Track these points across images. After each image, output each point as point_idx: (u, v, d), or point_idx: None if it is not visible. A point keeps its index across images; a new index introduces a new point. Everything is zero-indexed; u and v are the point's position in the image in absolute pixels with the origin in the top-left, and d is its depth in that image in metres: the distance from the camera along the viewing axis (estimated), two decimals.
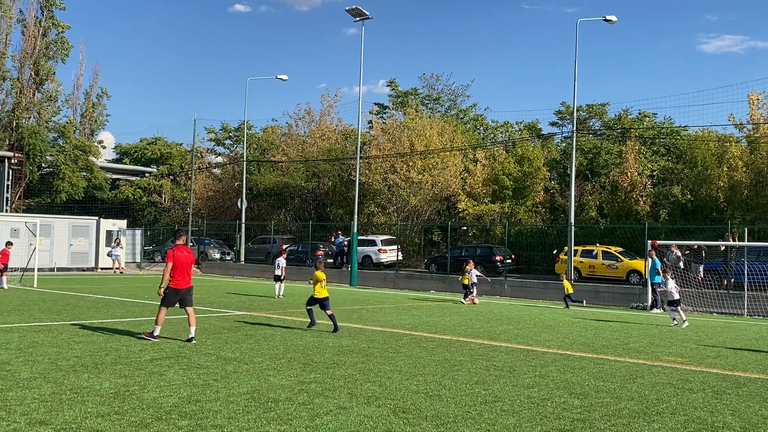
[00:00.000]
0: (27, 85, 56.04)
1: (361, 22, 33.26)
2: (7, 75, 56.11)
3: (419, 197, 41.62)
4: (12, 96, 56.15)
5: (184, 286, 12.85)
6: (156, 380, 8.83)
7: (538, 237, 36.30)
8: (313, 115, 54.79)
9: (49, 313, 16.47)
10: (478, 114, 55.02)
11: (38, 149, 53.21)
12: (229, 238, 47.14)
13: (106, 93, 62.63)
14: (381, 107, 56.39)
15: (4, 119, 55.42)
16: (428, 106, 54.71)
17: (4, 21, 55.40)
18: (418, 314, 19.04)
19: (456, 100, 55.46)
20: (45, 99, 57.48)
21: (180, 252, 12.86)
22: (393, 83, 56.63)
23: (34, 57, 55.76)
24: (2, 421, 6.70)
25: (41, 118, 56.82)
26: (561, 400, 8.50)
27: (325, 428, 6.84)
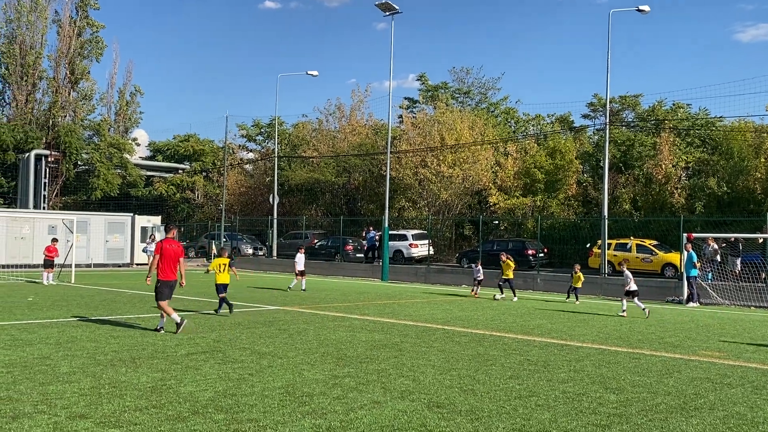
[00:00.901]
0: (63, 84, 57.02)
1: (390, 16, 33.21)
2: (43, 74, 57.16)
3: (450, 191, 41.51)
4: (48, 95, 57.20)
5: (174, 278, 13.14)
6: (192, 374, 8.94)
7: (570, 230, 35.98)
8: (344, 111, 54.96)
9: (87, 308, 16.76)
10: (509, 107, 54.70)
11: (74, 147, 54.14)
12: (262, 233, 47.48)
13: (139, 91, 63.48)
14: (411, 102, 56.32)
15: (40, 118, 56.47)
16: (458, 99, 54.51)
17: (39, 21, 56.39)
18: (451, 309, 19.00)
19: (486, 93, 55.21)
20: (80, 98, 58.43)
21: (168, 245, 13.16)
22: (423, 77, 56.53)
23: (70, 56, 56.69)
24: (44, 415, 6.84)
25: (77, 117, 57.79)
26: (597, 394, 8.43)
27: (359, 422, 6.86)
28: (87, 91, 58.79)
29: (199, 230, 50.87)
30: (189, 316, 15.64)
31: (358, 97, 55.24)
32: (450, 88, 54.92)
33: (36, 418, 6.72)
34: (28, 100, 56.49)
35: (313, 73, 43.48)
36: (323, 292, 23.83)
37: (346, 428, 6.66)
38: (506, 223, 41.43)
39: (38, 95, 57.54)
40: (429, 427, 6.75)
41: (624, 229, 33.13)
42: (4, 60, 55.65)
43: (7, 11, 55.83)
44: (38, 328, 12.91)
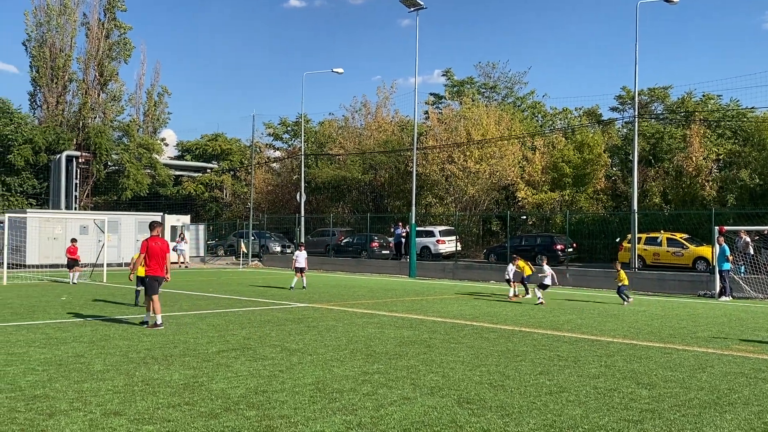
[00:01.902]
0: (92, 86, 57.83)
1: (415, 12, 33.13)
2: (73, 77, 58.04)
3: (477, 187, 41.37)
4: (78, 97, 58.07)
5: (162, 274, 13.55)
6: (223, 371, 9.03)
7: (599, 225, 35.66)
8: (369, 108, 55.03)
9: (119, 307, 17.00)
10: (536, 101, 54.35)
11: (104, 148, 54.90)
12: (289, 231, 47.74)
13: (166, 91, 64.18)
14: (437, 97, 56.22)
15: (71, 120, 57.35)
16: (484, 94, 54.28)
17: (68, 25, 57.23)
18: (479, 305, 18.95)
19: (513, 87, 54.92)
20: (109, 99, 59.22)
21: (154, 243, 13.57)
22: (448, 73, 56.39)
23: (98, 58, 57.47)
24: (79, 412, 6.95)
25: (106, 118, 58.58)
26: (628, 390, 8.35)
27: (389, 418, 6.88)
28: (116, 93, 59.57)
29: (227, 229, 51.27)
30: (217, 313, 15.80)
31: (383, 94, 55.31)
32: (476, 83, 54.70)
33: (72, 415, 6.84)
34: (58, 102, 57.40)
35: (339, 70, 43.56)
36: (351, 289, 23.89)
37: (377, 424, 6.68)
38: (534, 218, 41.17)
39: (68, 97, 58.48)
40: (459, 423, 6.75)
41: (654, 223, 32.74)
42: (35, 63, 56.58)
43: (37, 15, 56.76)
44: (72, 327, 13.13)
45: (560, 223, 37.44)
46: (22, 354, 10.11)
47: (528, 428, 6.66)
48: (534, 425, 6.76)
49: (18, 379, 8.42)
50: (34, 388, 7.92)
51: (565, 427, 6.74)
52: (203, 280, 28.28)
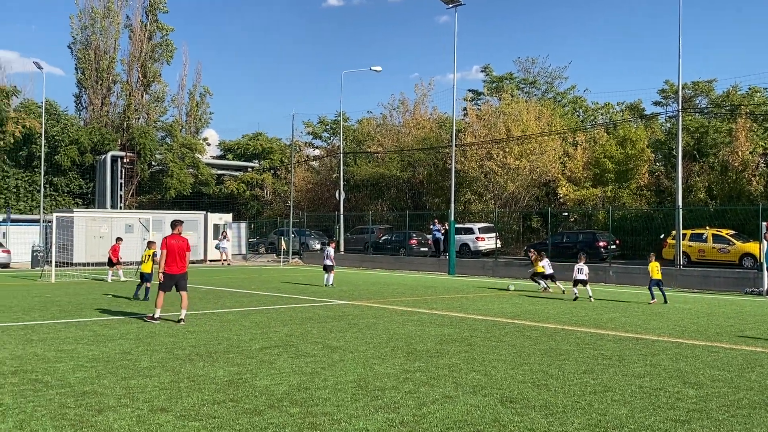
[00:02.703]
0: (135, 87, 58.88)
1: (454, 8, 32.98)
2: (117, 78, 59.18)
3: (517, 183, 41.04)
4: (122, 98, 59.19)
5: (178, 272, 13.82)
6: (267, 368, 9.12)
7: (643, 221, 35.06)
8: (408, 105, 54.98)
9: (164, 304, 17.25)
10: (577, 96, 53.72)
11: (148, 148, 55.88)
12: (329, 228, 47.99)
13: (208, 92, 65.02)
14: (475, 94, 55.90)
15: (115, 120, 58.48)
16: (524, 90, 53.81)
17: (112, 27, 58.36)
18: (520, 302, 18.81)
19: (553, 82, 54.34)
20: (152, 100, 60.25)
21: (173, 240, 13.91)
22: (487, 68, 56.03)
23: (141, 60, 58.49)
24: (127, 408, 7.10)
25: (150, 119, 59.62)
26: (675, 389, 8.22)
27: (432, 417, 6.87)
28: (159, 94, 60.59)
29: (268, 227, 51.75)
30: (259, 310, 15.97)
31: (421, 91, 55.20)
32: (515, 78, 54.26)
33: (120, 411, 6.98)
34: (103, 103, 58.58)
35: (377, 68, 43.62)
36: (390, 287, 23.92)
37: (419, 423, 6.68)
38: (576, 214, 40.69)
39: (113, 98, 59.66)
40: (502, 423, 6.72)
41: (699, 219, 32.07)
42: (80, 65, 57.83)
43: (82, 18, 58.01)
44: (118, 324, 13.40)
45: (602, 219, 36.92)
46: (71, 351, 10.36)
47: (573, 428, 6.59)
48: (579, 425, 6.69)
49: (67, 375, 8.63)
50: (83, 385, 8.11)
51: (611, 426, 6.66)
52: (245, 277, 28.60)
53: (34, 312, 15.44)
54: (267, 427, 6.47)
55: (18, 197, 53.45)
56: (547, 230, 36.38)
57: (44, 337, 11.63)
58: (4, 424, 6.50)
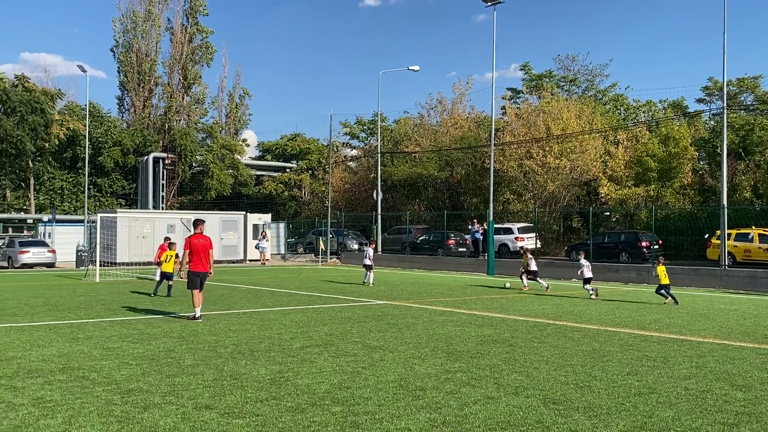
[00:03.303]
0: (176, 89, 59.77)
1: (492, 6, 32.76)
2: (158, 81, 60.14)
3: (557, 183, 40.61)
4: (164, 100, 60.13)
5: (203, 270, 14.23)
6: (308, 367, 9.17)
7: (686, 221, 34.43)
8: (445, 104, 54.85)
9: (206, 303, 17.45)
10: (618, 94, 52.93)
11: (189, 150, 56.67)
12: (366, 229, 48.09)
13: (247, 93, 65.69)
14: (514, 92, 55.50)
15: (157, 122, 59.44)
16: (564, 88, 53.25)
17: (153, 30, 59.34)
18: (561, 303, 18.61)
19: (594, 80, 53.65)
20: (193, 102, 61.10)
21: (197, 240, 14.34)
22: (526, 66, 55.58)
23: (182, 62, 59.35)
24: (172, 405, 7.20)
25: (190, 120, 60.47)
26: (722, 392, 8.04)
27: (474, 417, 6.83)
28: (199, 96, 61.42)
29: (306, 227, 52.06)
30: (299, 309, 16.07)
31: (459, 90, 55.01)
32: (555, 76, 53.71)
33: (165, 408, 7.09)
34: (145, 105, 59.58)
35: (414, 68, 43.54)
36: (429, 287, 23.86)
37: (462, 423, 6.65)
38: (618, 214, 40.14)
39: (154, 101, 60.64)
40: (545, 424, 6.65)
41: (745, 219, 31.39)
42: (123, 68, 58.91)
43: (124, 22, 59.07)
44: (162, 323, 13.60)
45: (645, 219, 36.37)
46: (117, 349, 10.55)
47: (617, 430, 6.50)
48: (623, 427, 6.59)
49: (113, 372, 8.79)
50: (129, 382, 8.25)
51: (656, 429, 6.54)
52: (284, 277, 28.81)
53: (80, 310, 15.76)
54: (309, 426, 6.50)
55: (63, 198, 54.66)
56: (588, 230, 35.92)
57: (90, 335, 11.86)
58: (53, 419, 6.64)
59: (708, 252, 29.18)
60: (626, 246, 31.29)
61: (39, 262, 35.60)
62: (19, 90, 51.12)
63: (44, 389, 7.85)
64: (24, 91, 51.35)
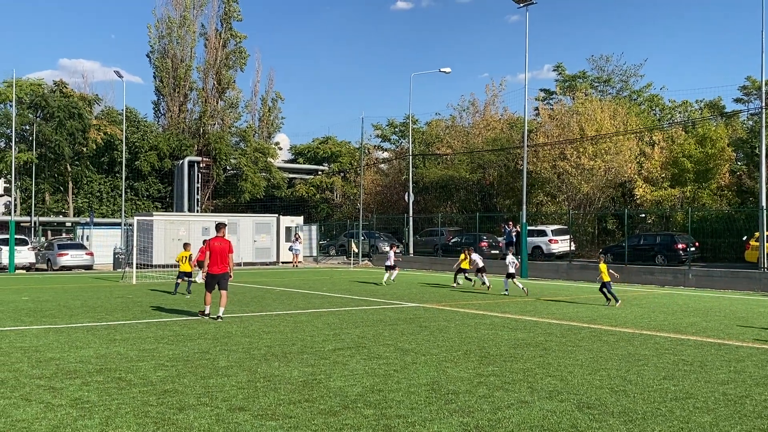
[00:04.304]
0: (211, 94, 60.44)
1: (525, 7, 32.57)
2: (193, 86, 60.89)
3: (591, 184, 40.18)
4: (198, 105, 60.85)
5: (219, 271, 14.59)
6: (340, 370, 9.20)
7: (724, 222, 33.82)
8: (477, 106, 54.63)
9: (240, 305, 17.65)
10: (654, 94, 52.21)
11: (223, 153, 57.28)
12: (398, 231, 48.08)
13: (280, 97, 66.22)
14: (547, 93, 55.09)
15: (192, 127, 60.16)
16: (598, 88, 52.69)
17: (188, 36, 60.07)
18: (596, 306, 18.40)
19: (628, 80, 52.97)
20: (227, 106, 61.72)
21: (216, 242, 14.78)
22: (560, 67, 55.10)
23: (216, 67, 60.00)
24: (206, 407, 7.27)
25: (224, 124, 61.10)
26: (761, 397, 7.88)
27: (507, 422, 6.79)
28: (233, 100, 62.01)
29: (338, 229, 52.24)
30: (331, 311, 16.12)
31: (492, 92, 54.76)
32: (589, 77, 53.17)
33: (199, 409, 7.16)
34: (180, 110, 60.33)
35: (446, 70, 43.47)
36: (461, 289, 23.77)
37: (495, 427, 6.61)
38: (653, 216, 39.57)
39: (189, 105, 61.38)
40: (580, 429, 6.58)
41: None
42: (158, 74, 59.74)
43: (159, 28, 59.92)
44: (197, 324, 13.76)
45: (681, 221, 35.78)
46: (152, 350, 10.69)
47: None
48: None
49: (149, 374, 8.91)
50: (164, 383, 8.35)
51: None
52: (317, 279, 28.94)
53: (117, 312, 16.01)
54: (342, 428, 6.52)
55: (101, 201, 55.60)
56: (624, 232, 35.49)
57: (126, 337, 12.04)
58: (91, 420, 6.75)
59: (746, 254, 28.62)
60: (662, 248, 30.81)
61: (77, 265, 36.25)
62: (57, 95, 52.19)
63: (82, 390, 7.99)
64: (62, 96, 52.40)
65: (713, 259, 32.37)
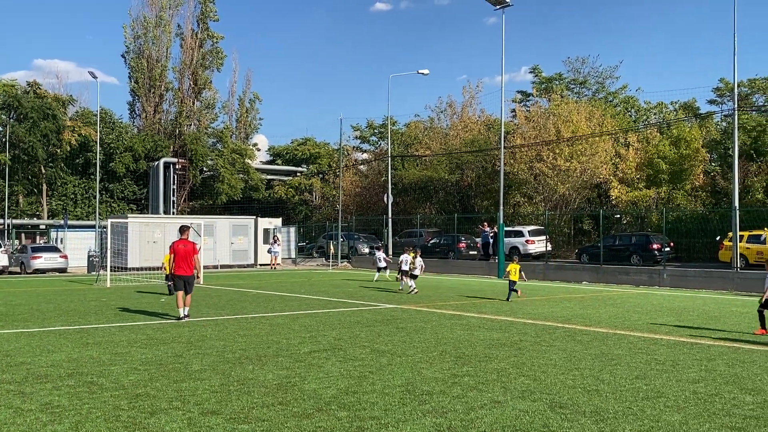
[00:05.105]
0: (187, 94, 60.02)
1: (501, 10, 32.73)
2: (169, 86, 60.41)
3: (567, 185, 40.48)
4: (174, 105, 60.42)
5: (185, 273, 14.89)
6: (315, 372, 9.18)
7: (698, 223, 34.23)
8: (455, 108, 54.84)
9: (215, 308, 17.55)
10: (629, 96, 52.70)
11: (200, 154, 56.88)
12: (377, 232, 48.08)
13: (258, 98, 65.89)
14: (524, 95, 55.41)
15: (168, 128, 59.70)
16: (574, 90, 53.09)
17: (164, 36, 59.62)
18: (571, 306, 18.53)
19: (604, 82, 53.43)
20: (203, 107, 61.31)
21: (180, 245, 15.06)
22: (536, 69, 55.47)
23: (192, 68, 59.60)
24: (178, 411, 7.21)
25: (201, 125, 60.68)
26: (731, 396, 7.99)
27: (480, 422, 6.81)
28: (210, 101, 61.62)
29: (317, 231, 52.14)
30: (308, 313, 16.08)
31: (469, 94, 54.99)
32: (565, 79, 53.55)
33: (171, 413, 7.11)
34: (156, 111, 59.85)
35: (424, 71, 43.57)
36: (438, 290, 23.83)
37: (468, 428, 6.63)
38: (629, 216, 39.95)
39: (165, 106, 60.90)
40: (552, 428, 6.62)
41: (757, 220, 31.13)
42: (134, 74, 59.23)
43: (135, 28, 59.40)
44: (171, 328, 13.65)
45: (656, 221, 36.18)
46: (125, 354, 10.59)
47: None
48: (630, 431, 6.55)
49: (121, 378, 8.82)
50: (136, 387, 8.28)
51: None
52: (295, 281, 28.85)
53: (90, 316, 15.84)
54: (315, 431, 6.50)
55: (75, 203, 54.98)
56: (599, 233, 35.78)
57: (99, 341, 11.92)
58: (61, 425, 6.67)
59: (720, 254, 28.99)
60: (637, 248, 31.13)
61: (51, 268, 35.84)
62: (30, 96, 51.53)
63: (52, 395, 7.89)
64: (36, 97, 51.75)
65: (688, 259, 32.75)
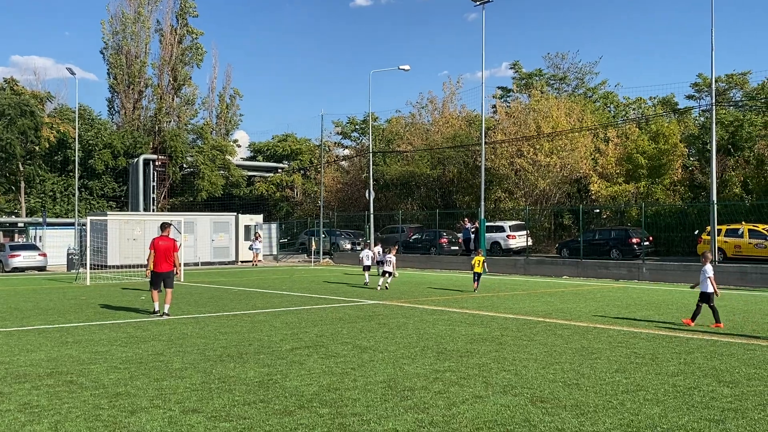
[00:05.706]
0: (166, 90, 59.61)
1: (481, 5, 32.81)
2: (148, 82, 59.98)
3: (548, 180, 40.68)
4: (154, 102, 59.98)
5: (163, 270, 15.05)
6: (297, 369, 9.16)
7: (677, 217, 34.54)
8: (436, 103, 54.88)
9: (196, 305, 17.47)
10: (608, 91, 53.02)
11: (179, 151, 56.53)
12: (359, 228, 48.05)
13: (238, 94, 65.57)
14: (505, 91, 55.55)
15: (147, 124, 59.28)
16: (554, 86, 53.33)
17: (143, 32, 59.17)
18: (552, 301, 18.65)
19: (584, 78, 53.75)
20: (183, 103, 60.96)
21: (160, 242, 15.16)
22: (516, 65, 55.66)
23: (172, 64, 59.20)
24: (159, 409, 7.17)
25: (180, 121, 60.32)
26: (709, 388, 8.08)
27: (461, 417, 6.84)
28: (189, 97, 61.28)
29: (299, 227, 52.00)
30: (290, 310, 16.05)
31: (450, 89, 55.07)
32: (545, 74, 53.77)
33: (152, 412, 7.07)
34: (135, 107, 59.40)
35: (405, 67, 43.53)
36: (420, 286, 23.88)
37: (449, 423, 6.66)
38: (608, 211, 40.23)
39: (144, 102, 60.49)
40: (533, 423, 6.66)
41: (735, 214, 31.49)
42: (112, 70, 58.73)
43: (113, 24, 58.89)
44: (151, 326, 13.56)
45: (635, 216, 36.43)
46: (105, 352, 10.51)
47: (604, 428, 6.52)
48: (610, 424, 6.61)
49: (101, 376, 8.76)
50: (117, 386, 8.22)
51: (643, 426, 6.57)
52: (276, 278, 28.77)
53: (70, 314, 15.70)
54: (297, 428, 6.50)
55: (54, 201, 54.43)
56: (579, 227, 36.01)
57: (79, 339, 11.82)
58: (40, 425, 6.61)
59: (698, 248, 29.26)
60: (617, 243, 31.36)
61: (30, 266, 35.48)
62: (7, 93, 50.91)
63: (31, 394, 7.82)
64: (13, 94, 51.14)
65: (667, 253, 33.03)
